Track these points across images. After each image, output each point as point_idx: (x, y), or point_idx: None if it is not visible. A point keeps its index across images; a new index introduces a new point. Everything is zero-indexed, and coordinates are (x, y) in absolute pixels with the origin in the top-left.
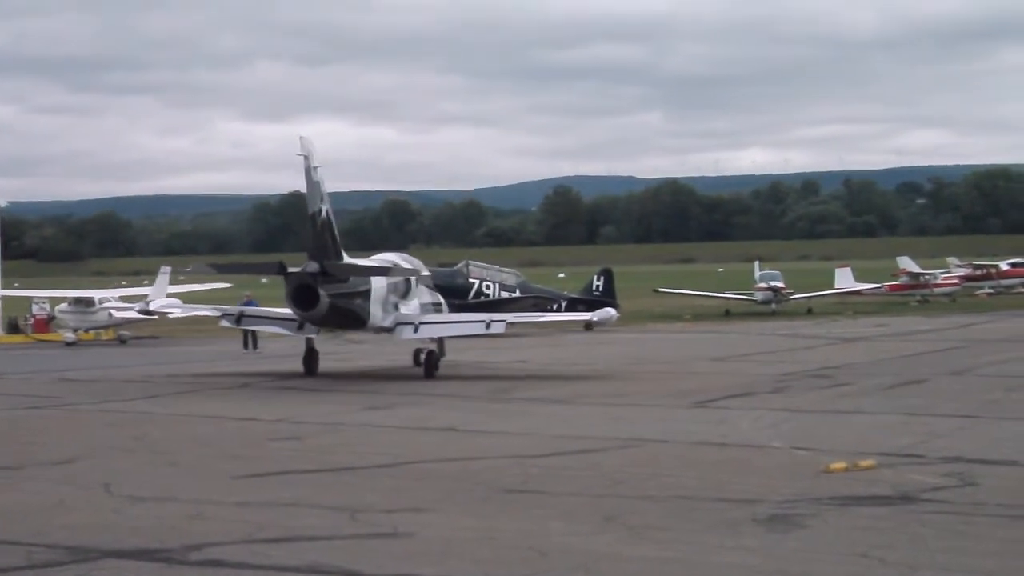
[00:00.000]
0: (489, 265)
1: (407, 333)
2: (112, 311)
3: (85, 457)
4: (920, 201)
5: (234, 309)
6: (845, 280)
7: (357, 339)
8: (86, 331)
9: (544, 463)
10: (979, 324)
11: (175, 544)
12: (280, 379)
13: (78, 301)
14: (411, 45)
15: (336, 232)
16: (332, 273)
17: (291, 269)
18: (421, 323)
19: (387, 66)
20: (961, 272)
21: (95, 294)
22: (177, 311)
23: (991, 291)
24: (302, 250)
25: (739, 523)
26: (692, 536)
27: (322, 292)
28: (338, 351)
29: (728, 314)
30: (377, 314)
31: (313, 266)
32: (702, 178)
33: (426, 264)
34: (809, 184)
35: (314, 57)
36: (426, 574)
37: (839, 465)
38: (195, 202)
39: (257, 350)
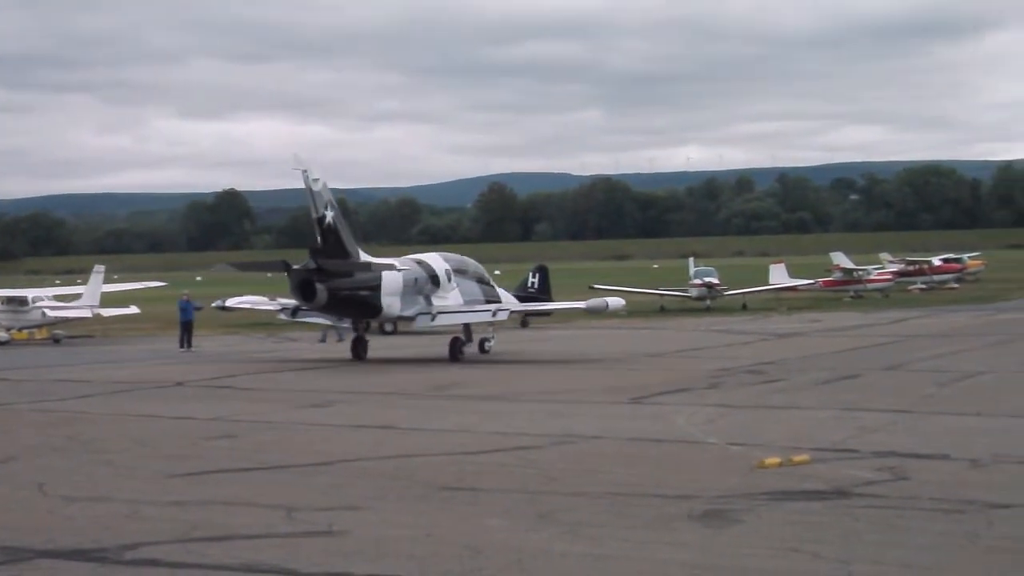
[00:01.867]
0: None
1: (425, 321)
2: (46, 310)
3: (19, 457)
4: (853, 197)
5: (291, 303)
6: (779, 276)
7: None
8: (19, 330)
9: (480, 460)
10: (912, 319)
11: (110, 544)
12: (219, 378)
13: (11, 300)
14: (348, 43)
15: (345, 233)
16: (328, 270)
17: (294, 267)
18: (439, 312)
19: (324, 64)
20: (894, 268)
21: (28, 293)
22: (247, 305)
23: (923, 287)
24: (237, 247)
25: (674, 519)
26: (627, 532)
27: (319, 286)
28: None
29: (663, 310)
30: (393, 304)
31: (311, 264)
32: (637, 175)
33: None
34: (744, 181)
35: (251, 55)
36: (361, 572)
37: (773, 460)
38: (131, 200)
39: (192, 348)
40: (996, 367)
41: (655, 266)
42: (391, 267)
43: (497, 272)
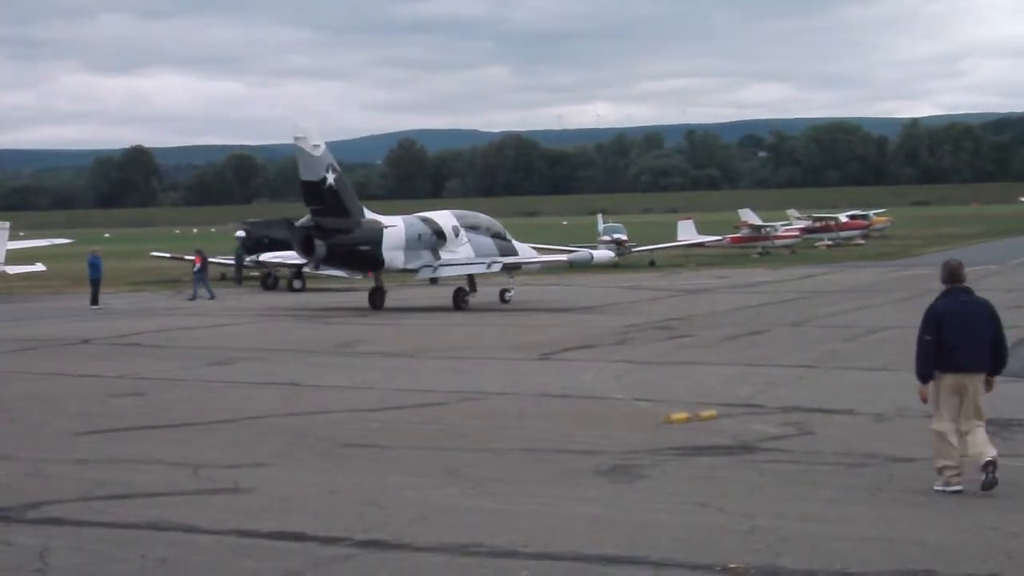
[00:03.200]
0: None
1: (426, 273)
2: None
3: None
4: (761, 154)
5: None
6: (688, 232)
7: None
8: None
9: (385, 417)
10: (818, 275)
11: (13, 503)
12: (127, 335)
13: None
14: None
15: (346, 195)
16: (326, 227)
17: (296, 224)
18: (439, 265)
19: (234, 19)
20: (801, 224)
21: None
22: (279, 259)
23: (830, 243)
24: (144, 205)
25: (581, 474)
26: (534, 488)
27: (318, 242)
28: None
29: (572, 266)
30: (395, 258)
31: (309, 222)
32: (546, 132)
33: (271, 219)
34: (652, 138)
35: (160, 10)
36: (266, 529)
37: (680, 416)
38: (36, 157)
39: (99, 306)
40: (901, 323)
41: (564, 223)
42: (392, 225)
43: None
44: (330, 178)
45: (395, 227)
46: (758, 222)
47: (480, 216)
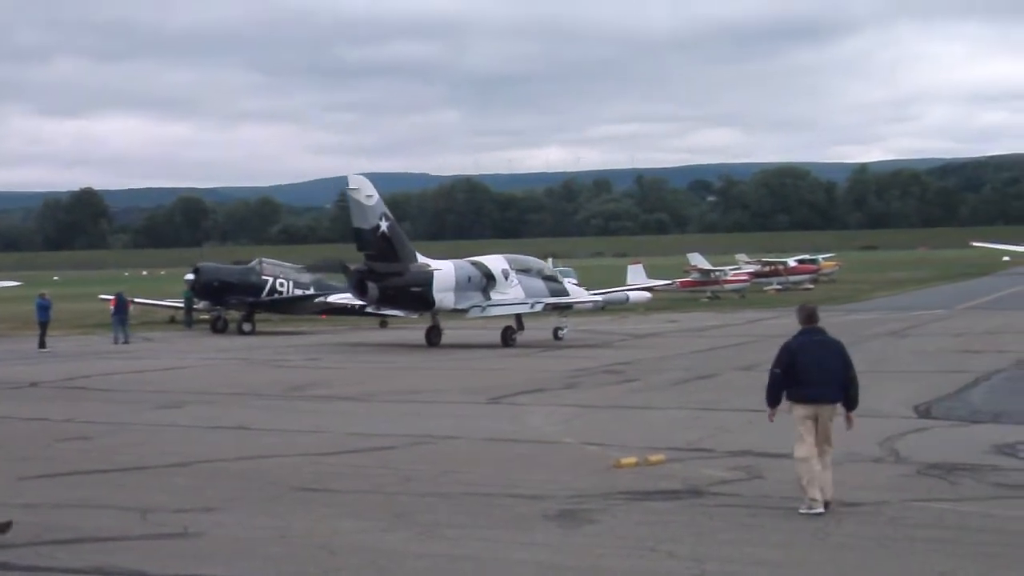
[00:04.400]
0: (283, 263)
1: (475, 313)
2: None
3: None
4: (711, 199)
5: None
6: (637, 276)
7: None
8: None
9: (336, 461)
10: (767, 320)
11: None
12: (75, 379)
13: None
14: (211, 42)
15: (398, 240)
16: (378, 271)
17: (352, 268)
18: (488, 305)
19: (187, 63)
20: (750, 268)
21: None
22: (343, 300)
23: (779, 287)
24: (93, 247)
25: (530, 519)
26: (483, 532)
27: (371, 284)
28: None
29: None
30: (446, 299)
31: (363, 266)
32: (496, 175)
33: (219, 262)
34: (602, 182)
35: (113, 53)
36: (216, 574)
37: (629, 460)
38: None
39: (47, 349)
40: None
41: None
42: (438, 268)
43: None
44: (383, 226)
45: (442, 270)
46: (707, 266)
47: (531, 260)
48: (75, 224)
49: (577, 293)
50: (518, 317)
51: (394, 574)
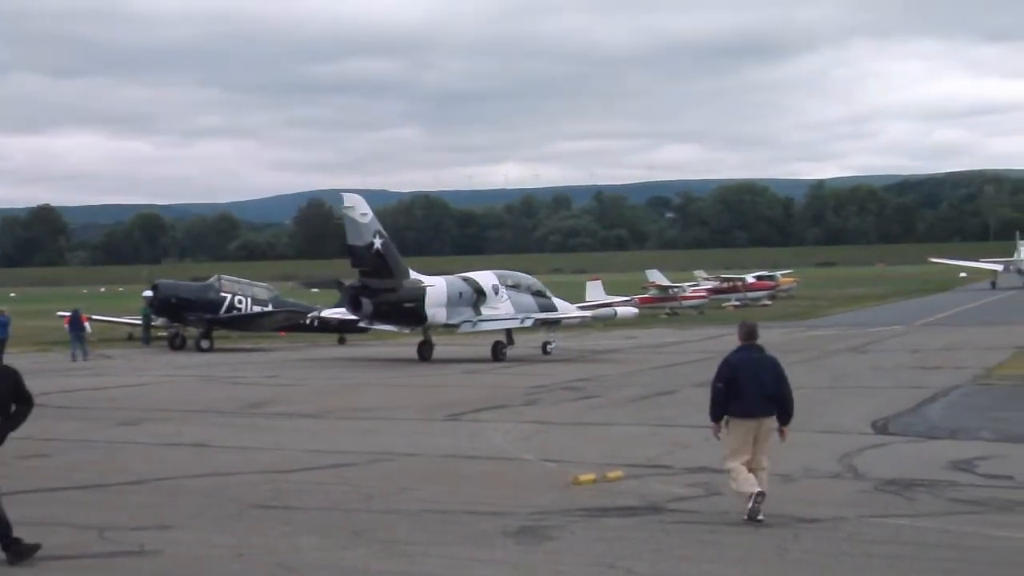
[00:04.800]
0: (241, 279)
1: (466, 328)
2: None
3: None
4: (669, 215)
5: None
6: (596, 293)
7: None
8: None
9: (295, 478)
10: (726, 336)
11: None
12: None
13: None
14: (169, 58)
15: (391, 257)
16: (372, 287)
17: (346, 284)
18: (478, 320)
19: (144, 79)
20: (708, 285)
21: None
22: (338, 315)
23: (737, 303)
24: (51, 264)
25: (489, 536)
26: (442, 549)
27: (365, 300)
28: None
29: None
30: (438, 314)
31: (357, 282)
32: (456, 192)
33: (177, 279)
34: (561, 198)
35: (69, 69)
36: None
37: (588, 477)
38: None
39: None
40: (807, 383)
41: None
42: (431, 284)
43: (315, 289)
44: (377, 243)
45: (434, 286)
46: (666, 283)
47: (521, 276)
48: (33, 241)
49: (566, 308)
50: (508, 332)
51: None
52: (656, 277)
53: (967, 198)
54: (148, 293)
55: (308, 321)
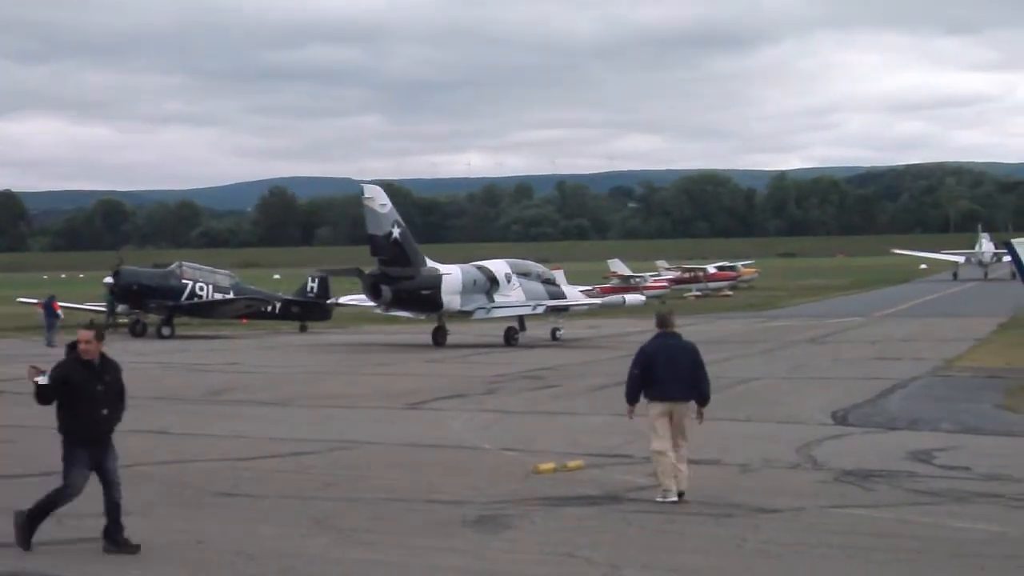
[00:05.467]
0: (202, 266)
1: (480, 314)
2: None
3: None
4: (632, 205)
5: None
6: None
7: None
8: None
9: (255, 466)
10: (687, 326)
11: None
12: None
13: None
14: (132, 44)
15: (409, 246)
16: (391, 275)
17: (366, 272)
18: (492, 307)
19: (107, 65)
20: (670, 275)
21: None
22: (355, 302)
23: (699, 293)
24: (12, 249)
25: (448, 524)
26: (401, 538)
27: (384, 287)
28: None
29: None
30: (453, 301)
31: (376, 270)
32: (419, 180)
33: (140, 266)
34: (523, 188)
35: (31, 54)
36: None
37: (548, 466)
38: None
39: None
40: (767, 373)
41: None
42: (448, 272)
43: (277, 276)
44: (395, 232)
45: (451, 274)
46: (627, 272)
47: (532, 264)
48: None
49: (574, 296)
50: (520, 318)
51: None
52: (618, 267)
53: (927, 190)
54: (109, 280)
55: (271, 308)
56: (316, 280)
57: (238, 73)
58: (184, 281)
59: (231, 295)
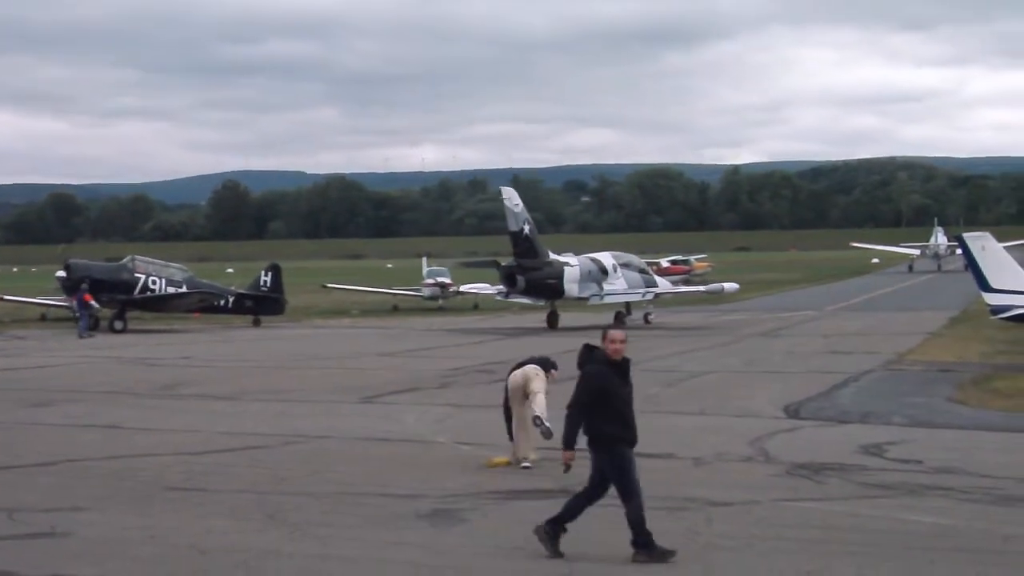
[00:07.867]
0: (155, 260)
1: (594, 300)
2: None
3: None
4: (585, 199)
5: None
6: None
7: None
8: None
9: (207, 460)
10: (640, 319)
11: None
12: None
13: None
14: (85, 37)
15: (536, 240)
16: (524, 266)
17: (502, 263)
18: (605, 294)
19: (60, 58)
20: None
21: None
22: (475, 290)
23: None
24: None
25: (402, 518)
26: (354, 532)
27: (519, 277)
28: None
29: (396, 309)
30: (572, 289)
31: (513, 262)
32: (372, 174)
33: (92, 259)
34: (477, 182)
35: None
36: (85, 574)
37: (501, 459)
38: None
39: None
40: (720, 367)
41: (389, 265)
42: (572, 264)
43: (230, 270)
44: (526, 228)
45: (573, 266)
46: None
47: (631, 256)
48: None
49: (665, 285)
50: (627, 303)
51: (265, 574)
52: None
53: (880, 184)
54: (61, 273)
55: (223, 302)
56: (269, 273)
57: (192, 66)
58: (137, 275)
59: (184, 289)
